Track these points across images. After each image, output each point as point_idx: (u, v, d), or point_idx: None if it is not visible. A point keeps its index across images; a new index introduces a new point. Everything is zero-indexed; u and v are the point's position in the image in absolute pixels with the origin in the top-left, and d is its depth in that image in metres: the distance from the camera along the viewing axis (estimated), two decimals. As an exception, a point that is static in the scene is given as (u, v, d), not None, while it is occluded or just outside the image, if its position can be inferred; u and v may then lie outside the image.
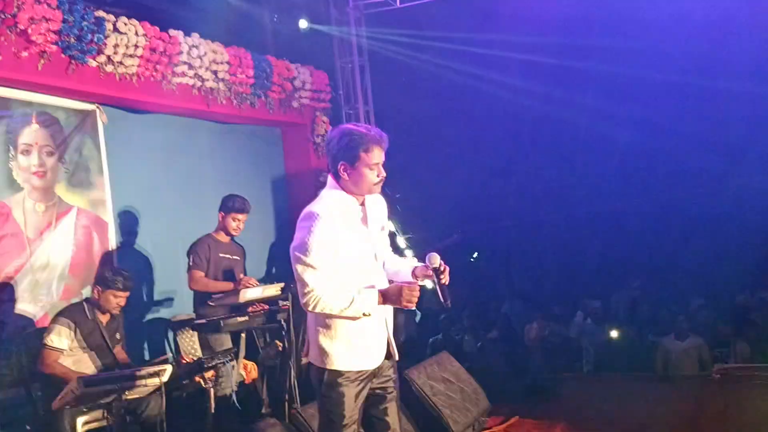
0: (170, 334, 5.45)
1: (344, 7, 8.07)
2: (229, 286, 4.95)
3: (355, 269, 2.85)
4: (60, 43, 4.85)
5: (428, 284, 3.11)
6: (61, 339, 4.20)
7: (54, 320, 4.31)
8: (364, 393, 2.90)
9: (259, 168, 7.36)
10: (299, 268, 2.78)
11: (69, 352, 4.24)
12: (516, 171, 9.79)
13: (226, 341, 4.91)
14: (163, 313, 5.94)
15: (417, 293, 2.81)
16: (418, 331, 8.67)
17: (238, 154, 7.11)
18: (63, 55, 4.94)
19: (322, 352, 2.88)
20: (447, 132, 8.65)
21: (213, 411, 4.34)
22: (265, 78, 6.71)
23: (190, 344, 5.44)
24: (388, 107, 8.20)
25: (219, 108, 6.34)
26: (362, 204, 2.93)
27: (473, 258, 11.75)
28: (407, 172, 8.73)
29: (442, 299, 2.90)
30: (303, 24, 7.55)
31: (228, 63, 6.29)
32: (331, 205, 2.84)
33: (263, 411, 5.26)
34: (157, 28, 5.60)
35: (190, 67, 5.93)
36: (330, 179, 2.91)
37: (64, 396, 3.62)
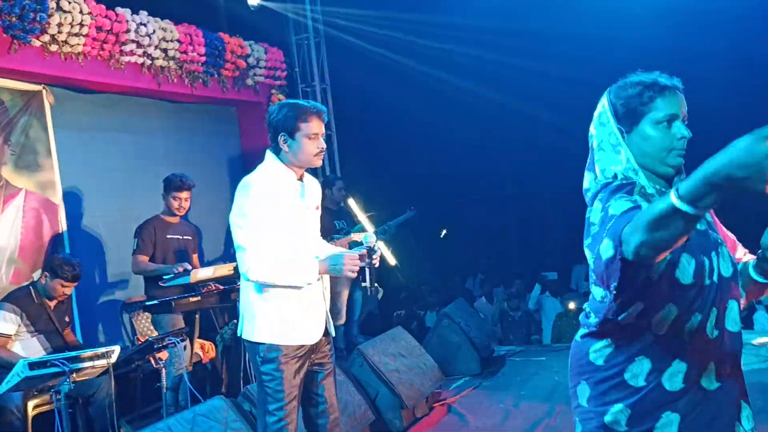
0: (125, 316, 5.43)
1: (298, -19, 7.98)
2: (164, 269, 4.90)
3: (286, 242, 2.83)
4: (1, 23, 4.73)
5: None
6: (8, 324, 4.16)
7: (0, 306, 4.26)
8: (304, 369, 2.91)
9: (214, 147, 7.29)
10: (240, 234, 2.78)
11: (16, 336, 4.20)
12: (480, 147, 9.84)
13: (179, 322, 4.90)
14: (118, 295, 5.90)
15: (357, 262, 2.82)
16: (380, 308, 8.74)
17: (191, 133, 7.04)
18: (4, 35, 4.83)
19: (260, 327, 2.86)
20: (406, 109, 8.63)
21: (165, 391, 4.35)
22: (217, 56, 6.62)
23: (146, 326, 5.43)
24: (345, 84, 8.16)
25: (170, 87, 6.25)
26: (300, 179, 2.92)
27: (442, 235, 11.85)
28: (366, 150, 8.74)
29: (368, 283, 2.91)
30: (253, 1, 7.43)
31: (178, 41, 6.19)
32: (269, 176, 2.85)
33: (222, 390, 5.29)
34: (103, 6, 5.49)
35: (139, 45, 5.83)
36: (268, 153, 2.91)
37: (11, 380, 3.59)
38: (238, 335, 3.00)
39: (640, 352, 1.75)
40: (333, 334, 3.05)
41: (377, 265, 2.90)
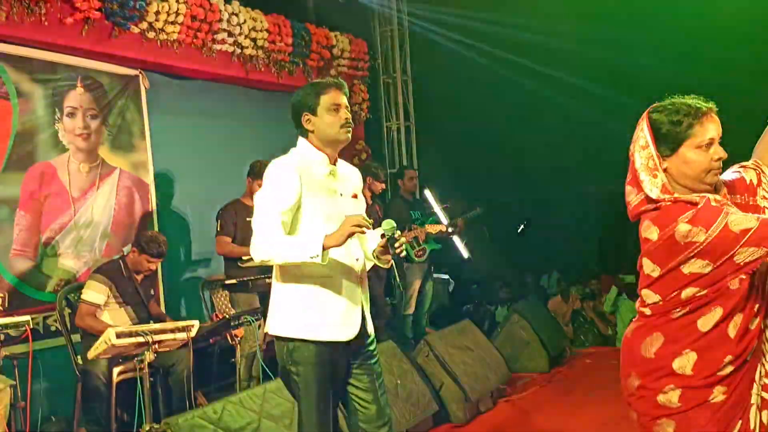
0: (206, 293, 5.68)
1: (385, -25, 8.07)
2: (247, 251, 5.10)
3: (321, 227, 2.62)
4: (103, 10, 5.03)
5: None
6: (98, 295, 4.45)
7: (91, 277, 4.57)
8: (339, 370, 2.69)
9: (296, 136, 7.47)
10: (254, 214, 2.66)
11: (105, 306, 4.49)
12: (563, 144, 9.68)
13: (255, 301, 5.10)
14: (200, 272, 6.18)
15: (362, 221, 2.53)
16: (450, 300, 8.78)
17: (275, 120, 7.22)
18: (106, 22, 5.13)
19: (287, 321, 2.66)
20: (488, 102, 8.59)
21: (240, 367, 4.56)
22: (303, 46, 6.80)
23: (225, 303, 5.67)
24: (427, 77, 8.20)
25: (257, 75, 6.47)
26: (333, 164, 2.79)
27: (520, 230, 11.74)
28: (445, 142, 8.76)
29: (398, 278, 2.67)
30: (342, -6, 7.57)
31: (267, 31, 6.39)
32: (298, 158, 2.73)
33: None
34: (198, -4, 5.73)
35: (230, 34, 6.05)
36: (299, 139, 2.80)
37: (98, 347, 3.85)
38: (266, 332, 2.83)
39: (687, 346, 1.99)
40: (371, 333, 2.79)
41: (400, 254, 2.64)
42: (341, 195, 2.78)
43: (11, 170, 4.88)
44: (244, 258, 5.03)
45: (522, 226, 11.14)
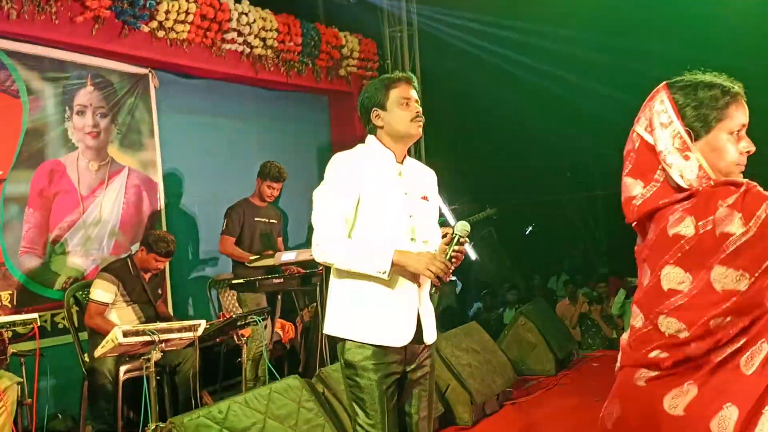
0: (213, 293, 5.69)
1: (395, -25, 8.05)
2: (247, 257, 5.14)
3: (381, 226, 2.53)
4: (113, 9, 5.04)
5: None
6: (106, 293, 4.46)
7: (99, 275, 4.58)
8: (393, 379, 2.53)
9: (305, 135, 7.50)
10: (314, 211, 2.57)
11: (113, 305, 4.50)
12: (571, 145, 9.66)
13: (262, 301, 5.11)
14: (208, 271, 6.19)
15: (443, 265, 2.40)
16: (458, 302, 8.77)
17: (284, 120, 7.27)
18: (116, 20, 5.13)
19: (342, 320, 2.57)
20: (497, 104, 8.57)
21: (246, 366, 4.56)
22: (313, 46, 6.79)
23: (232, 303, 5.68)
24: (436, 77, 8.17)
25: (267, 75, 6.47)
26: (401, 163, 2.66)
27: (527, 232, 11.72)
28: (454, 143, 8.75)
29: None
30: (353, -6, 7.57)
31: (277, 30, 6.39)
32: (362, 153, 2.63)
33: (299, 370, 5.49)
34: (208, -5, 5.74)
35: (240, 34, 6.05)
36: (368, 136, 2.69)
37: (105, 345, 3.86)
38: (324, 332, 2.70)
39: (729, 399, 1.56)
40: (428, 342, 2.61)
41: (456, 259, 2.49)
42: (406, 194, 2.61)
43: (21, 168, 4.90)
44: (251, 258, 5.04)
45: (530, 228, 11.13)
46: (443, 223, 6.54)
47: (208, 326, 4.19)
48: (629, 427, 1.66)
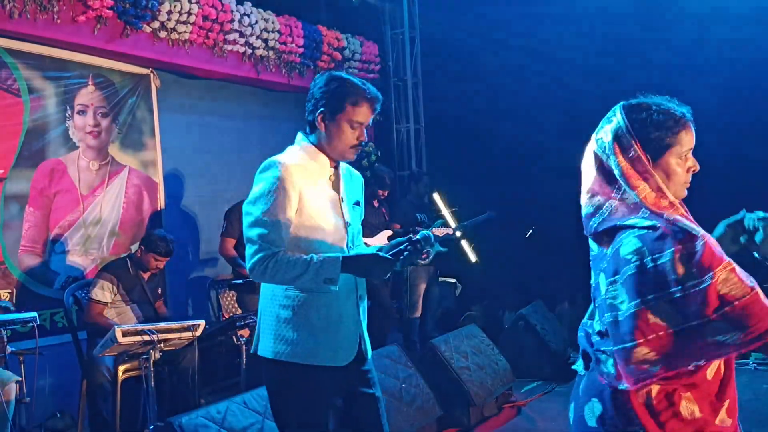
0: (213, 293, 5.70)
1: (397, -22, 8.07)
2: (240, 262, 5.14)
3: (320, 237, 2.38)
4: (115, 9, 5.04)
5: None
6: (105, 293, 4.47)
7: (98, 275, 4.59)
8: (335, 397, 2.42)
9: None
10: (247, 224, 2.33)
11: (112, 305, 4.50)
12: (574, 149, 9.64)
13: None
14: (207, 272, 6.20)
15: (390, 266, 2.31)
16: (457, 304, 8.76)
17: (285, 121, 7.25)
18: (118, 21, 5.14)
19: (275, 343, 2.37)
20: (499, 107, 8.56)
21: (245, 367, 4.56)
22: (314, 48, 6.81)
23: (232, 303, 5.68)
24: (437, 80, 8.19)
25: (268, 76, 6.48)
26: (335, 168, 2.49)
27: (528, 235, 11.70)
28: (455, 146, 8.74)
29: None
30: (356, -4, 7.59)
31: (279, 32, 6.40)
32: (297, 157, 2.41)
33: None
34: (211, -4, 5.75)
35: (242, 35, 6.06)
36: (300, 134, 2.49)
37: (105, 344, 3.87)
38: (251, 351, 2.51)
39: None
40: (369, 357, 2.51)
41: (425, 261, 2.42)
42: (342, 200, 2.48)
43: (21, 167, 4.90)
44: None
45: (530, 231, 11.11)
46: (443, 224, 6.57)
47: (207, 326, 4.20)
48: (612, 424, 1.76)
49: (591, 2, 7.12)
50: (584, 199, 1.81)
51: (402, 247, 2.35)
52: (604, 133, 1.77)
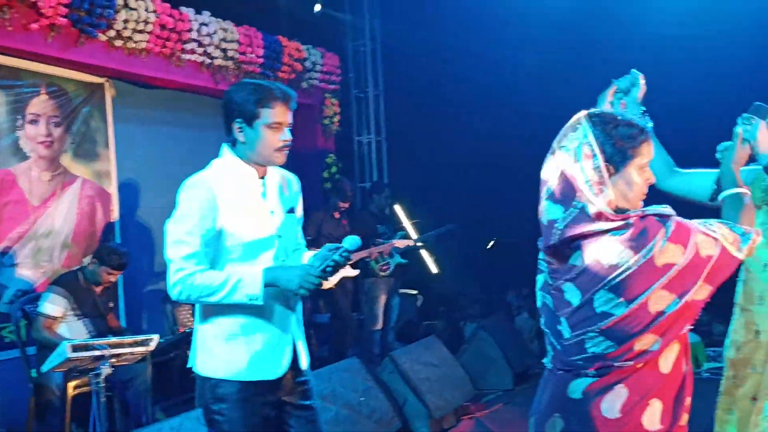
0: (168, 307, 5.59)
1: (360, -10, 8.09)
2: None
3: (248, 253, 2.35)
4: (70, 17, 4.94)
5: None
6: (55, 307, 4.35)
7: (49, 288, 4.47)
8: (269, 411, 2.39)
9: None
10: (168, 244, 2.31)
11: (63, 319, 4.38)
12: (534, 162, 9.76)
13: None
14: (163, 285, 6.06)
15: (317, 280, 2.28)
16: (418, 316, 8.76)
17: (245, 132, 7.20)
18: (73, 29, 5.03)
19: (209, 358, 2.36)
20: (460, 119, 8.63)
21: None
22: (275, 58, 6.77)
23: (188, 317, 5.58)
24: (399, 92, 8.21)
25: (227, 86, 6.40)
26: (262, 177, 2.45)
27: (490, 246, 11.78)
28: (416, 157, 8.77)
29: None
30: (317, 7, 7.58)
31: (238, 42, 6.36)
32: (219, 173, 2.39)
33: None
34: (168, 5, 5.68)
35: (200, 44, 6.00)
36: (224, 148, 2.45)
37: (54, 359, 3.76)
38: (188, 366, 2.50)
39: (654, 395, 1.79)
40: (305, 368, 2.48)
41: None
42: (272, 213, 2.43)
43: (-31, 177, 4.76)
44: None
45: (492, 243, 11.19)
46: (404, 236, 6.57)
47: (161, 341, 4.12)
48: None
49: (550, 15, 7.22)
50: (545, 207, 1.82)
51: (328, 260, 2.31)
52: (568, 142, 1.79)
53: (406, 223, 8.19)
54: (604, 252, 1.71)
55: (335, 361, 5.15)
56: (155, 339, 3.99)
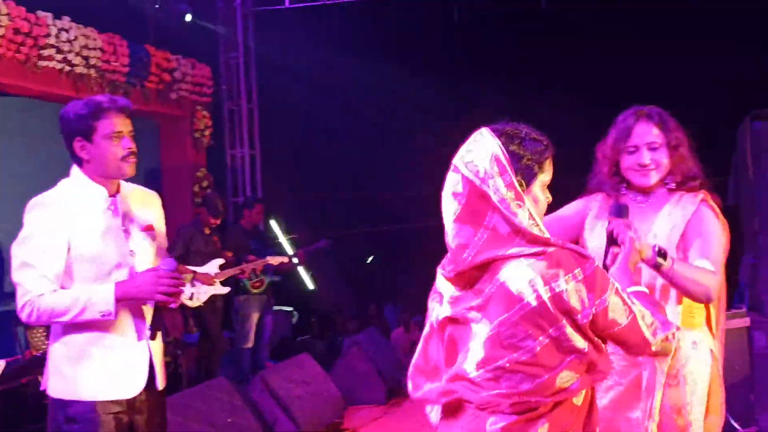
0: (19, 329, 5.22)
1: (232, 2, 7.97)
2: None
3: (100, 272, 2.32)
4: None
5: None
6: None
7: None
8: (121, 429, 2.34)
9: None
10: (14, 267, 2.29)
11: None
12: (407, 176, 9.94)
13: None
14: (14, 306, 5.66)
15: (174, 284, 2.29)
16: (294, 333, 8.67)
17: (110, 143, 6.89)
18: None
19: (60, 379, 2.31)
20: (334, 134, 8.67)
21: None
22: (141, 67, 6.55)
23: (41, 340, 5.22)
24: (273, 106, 8.15)
25: (90, 95, 6.11)
26: (114, 195, 2.41)
27: (369, 261, 11.87)
28: (291, 172, 8.73)
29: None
30: (188, 17, 7.40)
31: (101, 49, 6.10)
32: (65, 193, 2.37)
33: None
34: (24, 8, 5.37)
35: (59, 51, 5.71)
36: (73, 167, 2.42)
37: None
38: (41, 389, 2.44)
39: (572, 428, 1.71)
40: (161, 387, 2.45)
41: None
42: (125, 231, 2.40)
43: None
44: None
45: (370, 258, 11.30)
46: (278, 252, 6.48)
47: (7, 366, 3.83)
48: None
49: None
50: (453, 229, 1.64)
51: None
52: (475, 158, 1.63)
53: (282, 239, 8.11)
54: (515, 278, 1.58)
55: (204, 381, 4.98)
56: (1, 364, 3.70)
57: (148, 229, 2.47)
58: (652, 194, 2.31)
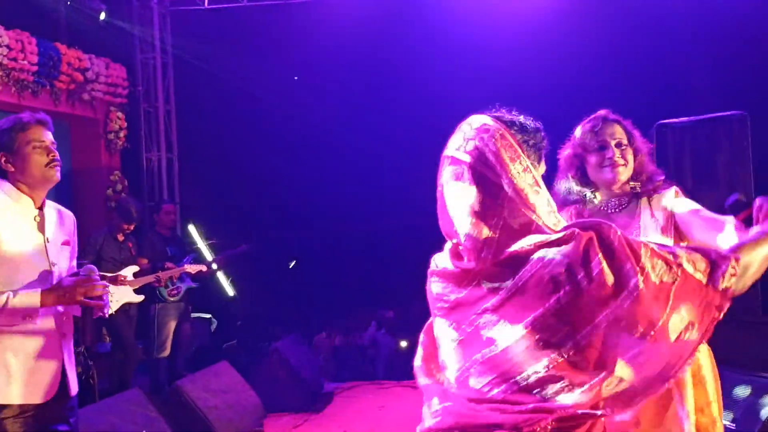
0: None
1: (148, 1, 7.75)
2: None
3: (22, 279, 2.42)
4: None
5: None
6: None
7: None
8: None
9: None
10: None
11: None
12: (323, 181, 9.92)
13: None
14: None
15: (96, 286, 2.42)
16: (213, 341, 8.50)
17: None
18: None
19: None
20: (253, 138, 8.55)
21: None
22: (51, 66, 6.28)
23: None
24: (191, 109, 7.97)
25: (-5, 94, 5.84)
26: (40, 209, 2.55)
27: (291, 266, 11.73)
28: (210, 176, 8.56)
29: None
30: (103, 15, 7.14)
31: (8, 47, 5.82)
32: None
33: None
34: None
35: (-40, 47, 5.41)
36: (1, 181, 2.53)
37: None
38: None
39: None
40: (74, 392, 2.55)
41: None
42: (48, 241, 2.53)
43: None
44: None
45: (293, 263, 11.20)
46: (196, 259, 6.33)
47: None
48: None
49: (344, 31, 7.41)
50: (466, 224, 1.47)
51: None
52: (481, 144, 1.47)
53: (201, 244, 7.93)
54: (548, 268, 1.39)
55: (117, 392, 4.81)
56: None
57: (66, 244, 2.61)
58: (627, 202, 2.37)
